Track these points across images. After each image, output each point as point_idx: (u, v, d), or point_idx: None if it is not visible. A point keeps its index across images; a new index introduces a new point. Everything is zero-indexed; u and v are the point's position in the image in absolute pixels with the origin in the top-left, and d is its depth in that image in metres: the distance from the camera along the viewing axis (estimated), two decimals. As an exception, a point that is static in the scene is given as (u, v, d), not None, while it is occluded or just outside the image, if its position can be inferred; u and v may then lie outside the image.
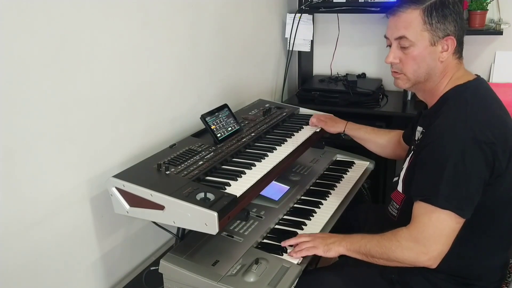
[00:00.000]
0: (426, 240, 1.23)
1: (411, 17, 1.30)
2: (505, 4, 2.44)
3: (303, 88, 2.67)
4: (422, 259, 1.24)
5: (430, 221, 1.23)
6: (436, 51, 1.31)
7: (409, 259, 1.26)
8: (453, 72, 1.35)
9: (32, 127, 1.23)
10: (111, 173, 1.38)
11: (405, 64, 1.34)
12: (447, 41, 1.30)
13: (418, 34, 1.30)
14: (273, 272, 1.30)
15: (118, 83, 1.50)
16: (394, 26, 1.33)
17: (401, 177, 1.45)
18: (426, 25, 1.29)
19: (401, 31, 1.31)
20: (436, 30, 1.29)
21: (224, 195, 1.28)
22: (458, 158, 1.20)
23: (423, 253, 1.24)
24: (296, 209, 1.67)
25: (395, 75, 1.39)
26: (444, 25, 1.29)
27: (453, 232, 1.23)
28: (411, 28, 1.30)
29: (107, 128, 1.48)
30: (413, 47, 1.31)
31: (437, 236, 1.22)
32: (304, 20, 2.60)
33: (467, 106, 1.27)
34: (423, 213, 1.24)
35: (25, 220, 1.26)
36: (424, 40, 1.30)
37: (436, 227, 1.22)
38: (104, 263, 1.55)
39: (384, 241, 1.29)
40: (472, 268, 1.35)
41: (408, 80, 1.37)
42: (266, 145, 1.66)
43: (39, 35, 1.21)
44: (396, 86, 1.42)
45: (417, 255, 1.24)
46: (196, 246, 1.39)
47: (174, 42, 1.75)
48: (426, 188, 1.25)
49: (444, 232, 1.23)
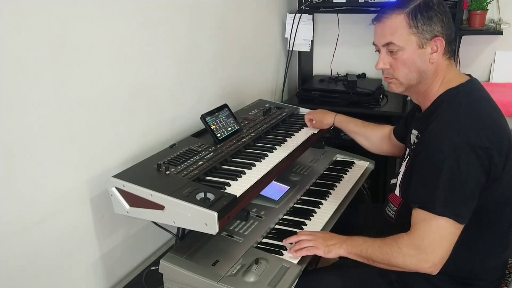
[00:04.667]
0: (427, 248, 1.23)
1: (396, 22, 1.29)
2: (505, 4, 2.44)
3: (303, 88, 2.67)
4: (423, 266, 1.24)
5: (430, 229, 1.22)
6: (426, 53, 1.30)
7: (411, 266, 1.26)
8: (444, 73, 1.34)
9: (32, 127, 1.23)
10: (111, 173, 1.38)
11: (396, 69, 1.34)
12: (436, 42, 1.30)
13: (405, 38, 1.29)
14: (273, 272, 1.30)
15: (118, 83, 1.50)
16: (380, 32, 1.33)
17: (399, 180, 1.44)
18: (412, 28, 1.28)
19: (388, 38, 1.31)
20: (422, 33, 1.28)
21: (224, 195, 1.28)
22: (453, 164, 1.20)
23: (424, 261, 1.23)
24: (296, 209, 1.67)
25: (387, 80, 1.39)
26: (430, 27, 1.28)
27: (453, 237, 1.23)
28: (397, 33, 1.29)
29: (107, 128, 1.48)
30: (402, 52, 1.30)
31: (437, 243, 1.22)
32: (304, 20, 2.60)
33: (460, 110, 1.26)
34: (422, 220, 1.24)
35: (25, 220, 1.26)
36: (412, 44, 1.29)
37: (436, 234, 1.22)
38: (104, 263, 1.56)
39: (386, 247, 1.29)
40: (471, 268, 1.35)
41: (401, 84, 1.36)
42: (266, 145, 1.66)
43: (39, 35, 1.21)
44: (389, 90, 1.41)
45: (418, 262, 1.24)
46: (196, 246, 1.39)
47: (174, 42, 1.75)
48: (422, 194, 1.25)
49: (444, 238, 1.22)
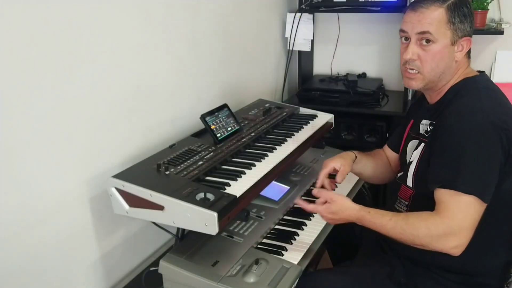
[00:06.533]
0: (456, 226, 1.19)
1: (437, 14, 1.28)
2: (506, 3, 2.43)
3: (303, 88, 2.66)
4: (450, 245, 1.20)
5: (459, 207, 1.19)
6: (453, 50, 1.32)
7: (436, 245, 1.22)
8: (462, 70, 1.37)
9: (31, 127, 1.23)
10: (110, 173, 1.37)
11: (424, 61, 1.32)
12: (464, 42, 1.31)
13: (442, 31, 1.29)
14: (273, 273, 1.30)
15: (118, 83, 1.50)
16: (417, 20, 1.30)
17: (411, 171, 1.42)
18: (450, 24, 1.29)
19: (426, 26, 1.29)
20: (457, 30, 1.30)
21: (224, 195, 1.28)
22: (477, 142, 1.20)
23: (452, 240, 1.20)
24: (296, 209, 1.66)
25: (410, 75, 1.35)
26: (464, 25, 1.30)
27: (478, 217, 1.21)
28: (436, 24, 1.28)
29: (107, 128, 1.47)
30: (434, 44, 1.30)
31: (466, 221, 1.20)
32: (304, 19, 2.59)
33: (480, 94, 1.28)
34: (450, 200, 1.21)
35: (25, 220, 1.25)
36: (446, 39, 1.30)
37: (466, 212, 1.19)
38: (103, 264, 1.55)
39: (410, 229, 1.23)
40: (479, 266, 1.34)
41: (424, 79, 1.34)
42: (266, 145, 1.66)
43: (39, 35, 1.21)
44: (406, 86, 1.40)
45: (446, 241, 1.20)
46: (196, 246, 1.39)
47: (174, 42, 1.75)
48: (446, 174, 1.23)
49: (472, 217, 1.20)
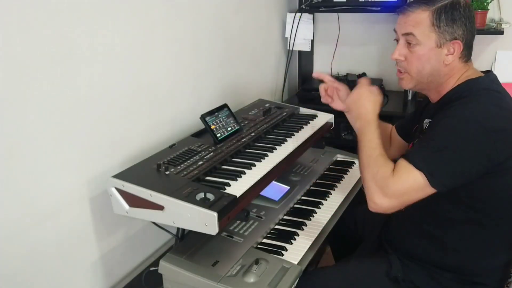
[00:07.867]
0: (391, 190, 1.24)
1: (420, 17, 1.30)
2: (506, 3, 2.43)
3: (303, 88, 2.67)
4: (375, 199, 1.27)
5: (406, 177, 1.23)
6: (442, 53, 1.31)
7: (369, 192, 1.30)
8: (461, 73, 1.35)
9: (31, 127, 1.23)
10: (110, 173, 1.37)
11: (410, 63, 1.34)
12: (454, 45, 1.30)
13: (426, 34, 1.30)
14: (273, 273, 1.30)
15: (118, 83, 1.50)
16: (403, 22, 1.34)
17: None
18: (434, 26, 1.29)
19: (409, 28, 1.32)
20: (443, 33, 1.29)
21: (224, 195, 1.27)
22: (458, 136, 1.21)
23: (379, 197, 1.26)
24: (296, 209, 1.66)
25: (399, 74, 1.40)
26: (452, 29, 1.29)
27: (417, 195, 1.24)
28: (419, 27, 1.30)
29: (106, 128, 1.47)
30: (419, 46, 1.31)
31: (403, 191, 1.24)
32: (304, 19, 2.59)
33: (479, 95, 1.28)
34: (402, 167, 1.25)
35: (25, 220, 1.25)
36: (431, 41, 1.30)
37: (407, 184, 1.23)
38: (103, 264, 1.55)
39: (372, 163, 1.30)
40: (478, 266, 1.35)
41: (411, 79, 1.37)
42: (266, 145, 1.65)
43: (39, 34, 1.21)
44: (400, 86, 1.42)
45: (375, 194, 1.27)
46: (196, 246, 1.39)
47: (174, 42, 1.75)
48: (413, 149, 1.29)
49: (412, 191, 1.23)
